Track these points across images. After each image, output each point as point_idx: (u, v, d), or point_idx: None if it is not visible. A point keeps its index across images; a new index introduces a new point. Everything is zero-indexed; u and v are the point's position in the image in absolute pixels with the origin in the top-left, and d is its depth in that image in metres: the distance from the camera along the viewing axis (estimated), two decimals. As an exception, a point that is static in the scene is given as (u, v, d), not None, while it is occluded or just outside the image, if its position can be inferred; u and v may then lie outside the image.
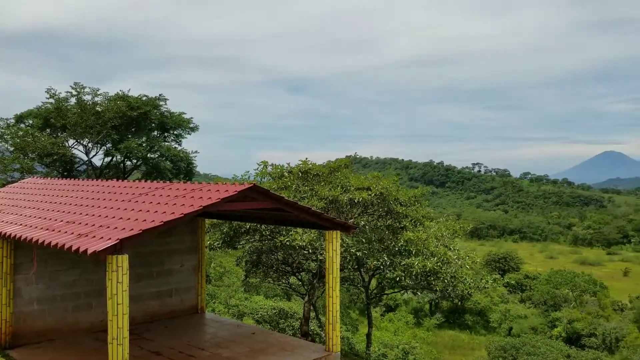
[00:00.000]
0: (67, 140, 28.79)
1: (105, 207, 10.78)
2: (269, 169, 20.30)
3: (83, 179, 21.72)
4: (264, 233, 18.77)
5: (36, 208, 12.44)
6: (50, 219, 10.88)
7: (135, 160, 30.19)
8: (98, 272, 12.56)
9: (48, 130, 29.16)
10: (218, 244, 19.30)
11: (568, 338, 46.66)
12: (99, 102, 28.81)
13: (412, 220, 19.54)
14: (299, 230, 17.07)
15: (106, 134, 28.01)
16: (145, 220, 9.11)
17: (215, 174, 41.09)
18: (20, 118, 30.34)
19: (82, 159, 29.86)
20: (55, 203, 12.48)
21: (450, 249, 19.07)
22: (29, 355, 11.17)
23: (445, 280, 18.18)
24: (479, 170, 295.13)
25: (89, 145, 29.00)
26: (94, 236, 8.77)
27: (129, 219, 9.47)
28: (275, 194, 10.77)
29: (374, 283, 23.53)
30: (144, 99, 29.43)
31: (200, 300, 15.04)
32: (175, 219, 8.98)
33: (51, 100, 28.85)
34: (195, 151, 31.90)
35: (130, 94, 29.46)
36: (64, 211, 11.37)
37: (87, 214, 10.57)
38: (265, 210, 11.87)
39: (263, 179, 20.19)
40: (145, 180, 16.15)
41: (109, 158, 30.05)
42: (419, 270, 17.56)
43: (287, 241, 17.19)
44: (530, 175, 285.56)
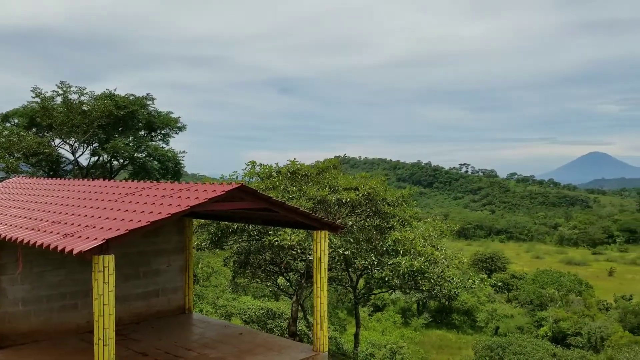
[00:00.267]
0: (53, 140, 28.58)
1: (92, 207, 10.71)
2: (257, 169, 20.31)
3: (69, 179, 21.54)
4: (251, 233, 18.76)
5: (22, 208, 12.32)
6: (36, 218, 10.78)
7: (122, 160, 30.02)
8: (84, 273, 12.45)
9: (34, 129, 28.93)
10: (206, 244, 19.27)
11: (554, 337, 47.10)
12: (85, 101, 28.61)
13: (400, 220, 19.63)
14: (288, 230, 17.07)
15: (93, 134, 27.83)
16: (131, 220, 9.07)
17: (203, 174, 41.04)
18: (5, 117, 30.08)
19: (69, 159, 29.67)
20: (41, 203, 12.37)
21: (437, 249, 19.19)
22: (14, 356, 11.06)
23: (432, 280, 18.30)
24: (466, 171, 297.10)
25: (75, 144, 28.80)
26: (80, 236, 8.71)
27: (115, 219, 9.42)
28: (263, 194, 10.75)
29: (361, 283, 23.61)
30: (131, 98, 29.27)
31: (188, 301, 14.97)
32: (162, 219, 8.95)
33: (37, 99, 28.63)
34: (183, 151, 31.81)
35: (117, 93, 29.31)
36: (49, 211, 11.28)
37: (73, 214, 10.49)
38: (253, 210, 11.85)
39: (251, 179, 20.18)
40: (132, 180, 16.06)
41: (96, 158, 29.86)
42: (406, 270, 17.65)
43: (276, 241, 17.19)
44: (516, 176, 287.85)
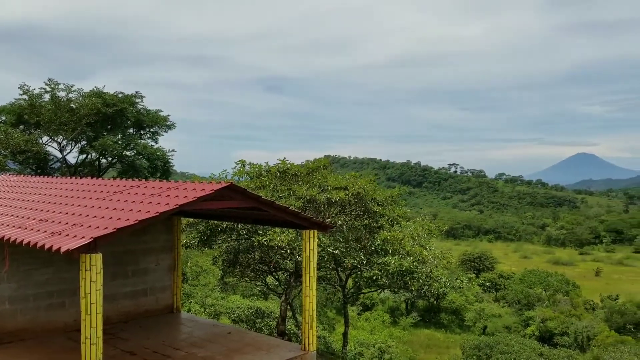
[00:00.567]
0: (41, 137, 28.35)
1: (80, 205, 10.64)
2: (247, 168, 20.28)
3: (57, 177, 21.39)
4: (241, 232, 18.72)
5: (8, 205, 12.21)
6: (23, 216, 10.69)
7: (110, 158, 29.84)
8: (72, 271, 12.36)
9: (21, 126, 28.69)
10: (194, 242, 19.20)
11: (541, 337, 47.45)
12: (73, 99, 28.42)
13: (389, 220, 19.68)
14: (277, 230, 17.05)
15: (81, 131, 27.63)
16: (120, 218, 9.02)
17: (193, 173, 40.92)
18: (-8, 114, 29.80)
19: (56, 156, 29.44)
20: (28, 201, 12.27)
21: (426, 249, 19.26)
22: (0, 355, 10.97)
23: (421, 280, 18.36)
24: (455, 171, 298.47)
25: (63, 142, 28.59)
26: (68, 234, 8.66)
27: (103, 217, 9.36)
28: (253, 193, 10.73)
29: (350, 282, 23.65)
30: (120, 96, 29.10)
31: (176, 300, 14.91)
32: (151, 218, 8.90)
33: (25, 96, 28.38)
34: (172, 149, 31.69)
35: (105, 91, 29.13)
36: (37, 209, 11.18)
37: (61, 212, 10.41)
38: (243, 209, 11.83)
39: (241, 178, 20.14)
40: (120, 179, 15.97)
41: (84, 155, 29.66)
42: (395, 269, 17.70)
43: (265, 241, 17.17)
44: (505, 176, 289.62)
